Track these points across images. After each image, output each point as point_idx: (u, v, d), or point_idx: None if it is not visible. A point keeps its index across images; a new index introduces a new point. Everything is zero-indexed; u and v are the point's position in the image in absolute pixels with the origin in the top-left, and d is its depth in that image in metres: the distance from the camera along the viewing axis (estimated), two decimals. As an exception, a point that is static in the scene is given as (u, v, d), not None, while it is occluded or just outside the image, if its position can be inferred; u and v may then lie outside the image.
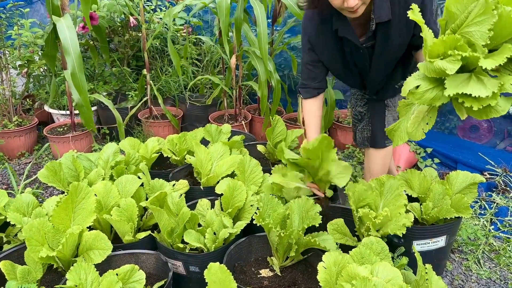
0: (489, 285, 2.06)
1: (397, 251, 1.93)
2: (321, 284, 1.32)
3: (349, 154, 3.51)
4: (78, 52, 2.60)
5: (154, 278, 1.76)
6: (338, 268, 1.38)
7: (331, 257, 1.40)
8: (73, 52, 2.59)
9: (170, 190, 1.98)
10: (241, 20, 2.74)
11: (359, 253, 1.51)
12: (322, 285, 1.32)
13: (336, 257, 1.40)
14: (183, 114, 3.76)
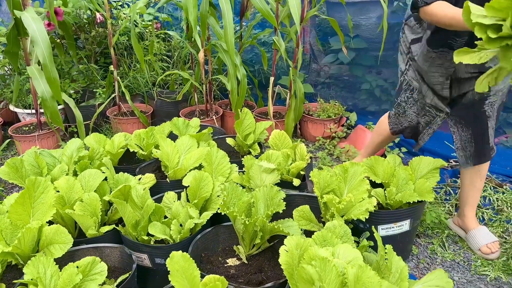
0: (454, 267, 2.11)
1: (362, 236, 1.96)
2: (283, 267, 1.33)
3: (319, 146, 3.54)
4: (48, 42, 2.52)
5: (119, 271, 1.74)
6: (300, 252, 1.39)
7: (293, 240, 1.41)
8: (42, 43, 2.51)
9: (134, 183, 1.95)
10: (207, 14, 2.73)
11: (322, 237, 1.53)
12: (284, 268, 1.33)
13: (297, 240, 1.41)
14: (153, 110, 3.73)
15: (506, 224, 2.35)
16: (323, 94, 3.97)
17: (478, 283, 2.00)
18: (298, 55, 3.26)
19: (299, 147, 2.50)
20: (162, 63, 3.96)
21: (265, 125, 2.76)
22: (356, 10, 3.61)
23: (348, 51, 3.56)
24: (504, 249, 2.17)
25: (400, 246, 2.06)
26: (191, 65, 3.68)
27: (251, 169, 2.09)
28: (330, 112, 3.59)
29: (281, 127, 3.45)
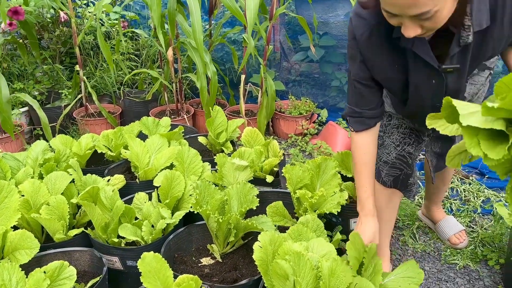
0: (424, 257, 2.16)
1: (336, 229, 1.98)
2: (257, 263, 1.32)
3: (292, 143, 3.56)
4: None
5: (89, 275, 1.69)
6: (274, 247, 1.38)
7: (267, 236, 1.40)
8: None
9: (103, 185, 1.90)
10: (175, 11, 2.69)
11: (296, 231, 1.53)
12: (258, 264, 1.32)
13: (271, 236, 1.41)
14: (122, 111, 3.65)
15: (473, 214, 2.42)
16: (294, 92, 3.99)
17: (448, 272, 2.05)
18: (268, 53, 3.26)
19: (272, 144, 2.50)
20: (130, 62, 3.88)
21: (237, 123, 2.75)
22: (325, 7, 3.64)
23: (317, 48, 3.59)
24: (472, 238, 2.23)
25: (373, 239, 2.09)
26: (160, 63, 3.62)
27: (223, 167, 2.08)
28: (301, 109, 3.61)
29: (254, 125, 3.44)
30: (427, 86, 1.29)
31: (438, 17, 1.01)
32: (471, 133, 0.92)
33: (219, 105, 3.80)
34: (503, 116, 0.90)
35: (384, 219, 1.82)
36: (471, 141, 0.91)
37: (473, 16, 1.08)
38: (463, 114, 0.91)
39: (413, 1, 0.96)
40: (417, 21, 1.02)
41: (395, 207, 1.82)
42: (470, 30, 1.11)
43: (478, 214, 2.44)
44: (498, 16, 1.11)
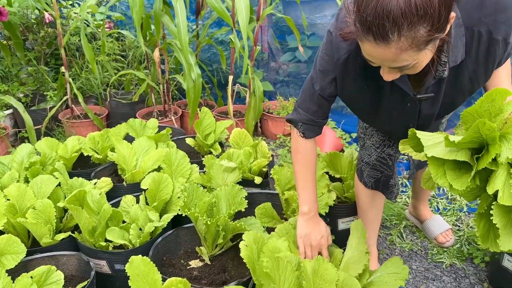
0: (411, 256, 2.18)
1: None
2: (245, 260, 1.33)
3: (280, 144, 3.56)
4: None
5: (77, 279, 1.67)
6: (259, 246, 1.39)
7: (251, 235, 1.41)
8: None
9: (90, 188, 1.88)
10: (160, 12, 2.67)
11: (284, 229, 1.54)
12: (247, 261, 1.33)
13: (255, 235, 1.41)
14: (108, 112, 3.61)
15: (459, 213, 2.46)
16: (282, 92, 4.00)
17: (434, 271, 2.08)
18: (255, 53, 3.26)
19: (260, 145, 2.50)
20: (117, 64, 3.85)
21: (226, 124, 2.75)
22: (312, 8, 3.66)
23: (305, 49, 3.60)
24: (458, 237, 2.26)
25: (361, 239, 2.10)
26: (147, 64, 3.60)
27: (212, 169, 2.07)
28: (289, 109, 3.62)
29: (242, 126, 3.44)
30: (400, 111, 1.31)
31: (417, 66, 1.04)
32: (436, 163, 0.95)
33: (207, 106, 3.80)
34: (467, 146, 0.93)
35: (369, 218, 1.84)
36: (436, 172, 0.94)
37: (450, 53, 1.11)
38: (427, 146, 0.94)
39: (392, 58, 0.98)
40: (396, 69, 1.05)
41: (379, 207, 1.84)
42: (446, 66, 1.14)
43: (464, 213, 2.47)
44: (473, 51, 1.14)
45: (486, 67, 1.18)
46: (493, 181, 0.87)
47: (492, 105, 0.87)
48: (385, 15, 0.87)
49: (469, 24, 1.09)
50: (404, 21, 0.87)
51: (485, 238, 0.97)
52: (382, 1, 0.87)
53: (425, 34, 0.90)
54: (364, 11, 0.91)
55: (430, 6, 0.86)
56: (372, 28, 0.91)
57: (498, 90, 0.86)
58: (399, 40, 0.91)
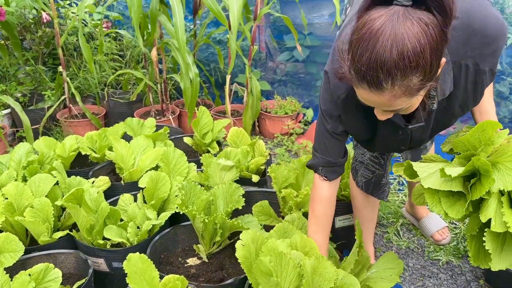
0: (408, 254, 2.19)
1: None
2: (240, 260, 1.33)
3: (278, 143, 3.57)
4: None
5: (75, 277, 1.68)
6: (256, 245, 1.39)
7: (249, 234, 1.41)
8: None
9: (88, 187, 1.89)
10: (157, 11, 2.68)
11: (282, 228, 1.54)
12: (241, 261, 1.33)
13: (253, 234, 1.42)
14: (106, 112, 3.62)
15: (455, 210, 2.47)
16: (280, 91, 4.01)
17: (431, 268, 2.09)
18: (253, 53, 3.27)
19: (258, 144, 2.51)
20: (115, 63, 3.85)
21: (223, 123, 2.76)
22: (309, 8, 3.67)
23: (303, 48, 3.61)
24: (454, 234, 2.28)
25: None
26: (145, 64, 3.61)
27: (209, 167, 2.08)
28: (287, 109, 3.63)
29: (240, 125, 3.45)
30: (393, 138, 1.35)
31: (409, 109, 1.08)
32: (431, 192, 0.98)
33: (205, 106, 3.80)
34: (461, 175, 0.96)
35: (364, 217, 1.85)
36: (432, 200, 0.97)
37: (438, 87, 1.15)
38: (423, 177, 0.99)
39: (386, 104, 1.01)
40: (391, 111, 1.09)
41: (374, 206, 1.85)
42: (435, 99, 1.18)
43: (460, 210, 2.48)
44: (462, 82, 1.18)
45: (474, 95, 1.21)
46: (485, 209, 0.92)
47: (482, 134, 0.91)
48: (379, 66, 0.90)
49: (456, 59, 1.13)
50: (398, 72, 0.90)
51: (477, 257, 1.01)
52: (376, 52, 0.89)
53: (417, 82, 0.93)
54: (358, 61, 0.93)
55: (422, 58, 0.89)
56: (367, 77, 0.94)
57: (489, 122, 0.90)
58: (393, 89, 0.94)
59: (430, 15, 0.90)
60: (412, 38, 0.87)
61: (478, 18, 1.09)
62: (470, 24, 1.08)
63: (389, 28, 0.88)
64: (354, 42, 0.94)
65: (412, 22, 0.88)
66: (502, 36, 1.11)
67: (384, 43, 0.88)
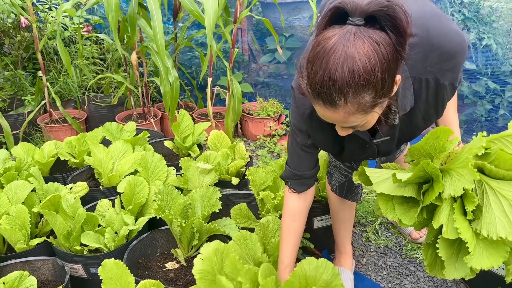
0: (386, 252, 2.23)
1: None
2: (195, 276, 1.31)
3: (260, 145, 3.59)
4: None
5: (52, 284, 1.68)
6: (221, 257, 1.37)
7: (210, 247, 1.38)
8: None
9: (65, 193, 1.89)
10: (136, 15, 2.68)
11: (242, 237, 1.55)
12: (197, 278, 1.31)
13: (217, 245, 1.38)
14: (87, 116, 3.60)
15: (432, 209, 2.52)
16: (263, 93, 4.03)
17: (409, 266, 2.13)
18: (234, 55, 3.29)
19: (238, 146, 2.53)
20: (96, 67, 3.83)
21: (204, 126, 2.76)
22: (290, 10, 3.70)
23: (284, 50, 3.63)
24: (431, 232, 2.32)
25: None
26: (125, 67, 3.60)
27: (188, 171, 2.09)
28: (269, 110, 3.65)
29: (222, 127, 3.46)
30: (360, 152, 1.39)
31: (367, 125, 1.11)
32: (385, 198, 1.00)
33: (187, 108, 3.82)
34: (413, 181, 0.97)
35: (341, 219, 1.88)
36: (386, 207, 0.99)
37: (399, 103, 1.17)
38: (376, 183, 1.00)
39: (341, 120, 1.03)
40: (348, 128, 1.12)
41: (351, 207, 1.87)
42: (396, 115, 1.20)
43: (437, 208, 2.53)
44: (423, 96, 1.21)
45: (436, 108, 1.24)
46: (438, 216, 0.92)
47: (436, 141, 0.92)
48: (331, 84, 0.92)
49: (417, 74, 1.15)
50: (349, 89, 0.92)
51: (433, 266, 1.02)
52: (329, 71, 0.91)
53: (370, 100, 0.95)
54: (313, 79, 0.96)
55: (372, 76, 0.91)
56: (321, 95, 0.96)
57: (442, 129, 0.91)
58: (346, 106, 0.96)
59: (383, 33, 0.92)
60: (362, 57, 0.89)
61: (436, 34, 1.11)
62: (429, 40, 1.10)
63: (341, 47, 0.90)
64: (309, 60, 0.96)
65: (363, 41, 0.90)
66: (461, 52, 1.15)
67: (336, 62, 0.90)
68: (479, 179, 0.86)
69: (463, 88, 3.22)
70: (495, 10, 3.19)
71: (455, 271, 0.93)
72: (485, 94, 3.22)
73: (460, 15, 3.20)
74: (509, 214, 0.79)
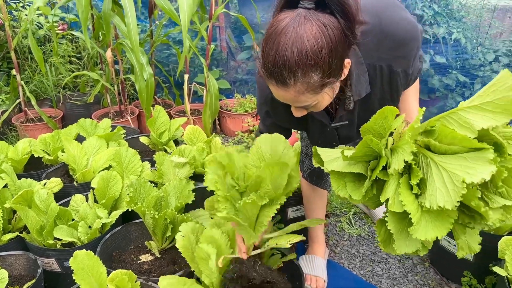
0: (359, 241, 2.29)
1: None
2: (181, 250, 1.40)
3: (239, 140, 3.63)
4: None
5: (26, 278, 1.68)
6: (196, 236, 1.44)
7: (188, 226, 1.46)
8: None
9: (38, 188, 1.88)
10: (110, 11, 2.68)
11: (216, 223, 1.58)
12: (182, 251, 1.39)
13: (193, 225, 1.47)
14: (63, 114, 3.58)
15: (404, 198, 2.58)
16: (241, 90, 4.06)
17: (380, 253, 2.19)
18: (210, 52, 3.31)
19: (214, 141, 2.55)
20: (72, 65, 3.81)
21: (180, 122, 2.78)
22: (265, 7, 3.73)
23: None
24: (403, 220, 2.39)
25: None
26: (101, 65, 3.58)
27: (162, 165, 2.11)
28: (247, 106, 3.68)
29: (200, 124, 3.48)
30: (322, 135, 1.45)
31: (318, 106, 1.16)
32: (337, 177, 1.04)
33: (165, 106, 3.82)
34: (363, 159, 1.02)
35: (312, 207, 1.93)
36: (338, 184, 1.03)
37: (353, 88, 1.23)
38: (326, 161, 1.04)
39: (293, 100, 1.09)
40: (301, 108, 1.17)
41: (322, 194, 1.92)
42: (351, 100, 1.27)
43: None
44: (378, 82, 1.26)
45: (391, 94, 1.30)
46: (385, 190, 0.97)
47: (385, 121, 0.97)
48: (282, 64, 0.98)
49: (370, 61, 1.21)
50: (298, 69, 0.98)
51: (386, 243, 1.06)
52: (280, 51, 0.98)
53: (318, 79, 1.01)
54: (266, 59, 1.02)
55: (319, 56, 0.97)
56: (273, 74, 1.02)
57: (389, 108, 0.95)
58: (296, 85, 1.02)
59: (332, 17, 0.97)
60: (310, 38, 0.95)
61: (389, 22, 1.16)
62: (382, 28, 1.16)
63: (291, 28, 0.96)
64: (264, 41, 1.02)
65: (312, 23, 0.95)
66: (413, 40, 1.20)
67: (286, 42, 0.96)
68: (416, 150, 0.90)
69: (434, 82, 3.31)
70: (464, 5, 3.29)
71: (406, 246, 0.97)
72: (455, 87, 3.32)
73: (430, 10, 3.29)
74: (448, 184, 0.83)
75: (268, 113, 1.45)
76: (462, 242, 0.99)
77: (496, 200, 0.88)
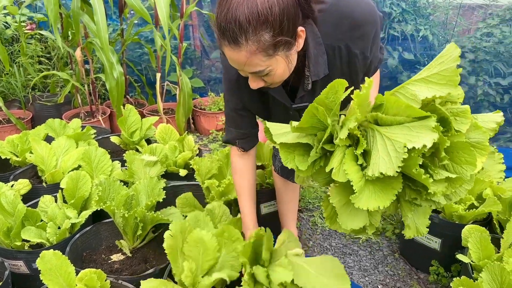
0: (331, 235, 2.32)
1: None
2: (167, 251, 1.38)
3: (213, 139, 3.63)
4: None
5: (-8, 283, 1.64)
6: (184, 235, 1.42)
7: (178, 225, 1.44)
8: None
9: (5, 190, 1.85)
10: (79, 10, 2.64)
11: (195, 217, 1.59)
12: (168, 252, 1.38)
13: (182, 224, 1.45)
14: (33, 116, 3.50)
15: (375, 192, 2.64)
16: (215, 89, 4.06)
17: (352, 246, 2.23)
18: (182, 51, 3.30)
19: (187, 139, 2.55)
20: (41, 66, 3.73)
21: (152, 121, 2.76)
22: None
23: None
24: (374, 213, 2.44)
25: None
26: (71, 65, 3.53)
27: (133, 164, 2.09)
28: (221, 105, 3.69)
29: (174, 123, 3.47)
30: (285, 116, 1.43)
31: (273, 75, 1.16)
32: (287, 150, 1.05)
33: (138, 105, 3.79)
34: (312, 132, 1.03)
35: (285, 200, 1.95)
36: (287, 157, 1.04)
37: (311, 68, 1.24)
38: (275, 134, 1.04)
39: (245, 62, 1.09)
40: (257, 76, 1.17)
41: (294, 188, 1.95)
42: (309, 80, 1.27)
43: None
44: (337, 63, 1.27)
45: (350, 77, 1.30)
46: (331, 161, 0.97)
47: (336, 96, 0.97)
48: (233, 21, 1.01)
49: (329, 42, 1.22)
50: (249, 26, 1.01)
51: (332, 220, 1.07)
52: (231, 8, 1.01)
53: (268, 38, 1.04)
54: (219, 18, 1.04)
55: (270, 14, 1.00)
56: (226, 33, 1.04)
57: (339, 81, 0.95)
58: (247, 44, 1.04)
59: None
60: None
61: (347, 2, 1.19)
62: (340, 8, 1.18)
63: None
64: (218, 2, 1.05)
65: None
66: (371, 21, 1.21)
67: (239, 1, 1.00)
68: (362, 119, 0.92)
69: (403, 78, 3.39)
70: (431, 3, 3.38)
71: (350, 220, 0.97)
72: (424, 82, 3.39)
73: (398, 8, 3.36)
74: (391, 152, 0.85)
75: (233, 94, 1.45)
76: (410, 221, 1.01)
77: (439, 172, 0.90)
